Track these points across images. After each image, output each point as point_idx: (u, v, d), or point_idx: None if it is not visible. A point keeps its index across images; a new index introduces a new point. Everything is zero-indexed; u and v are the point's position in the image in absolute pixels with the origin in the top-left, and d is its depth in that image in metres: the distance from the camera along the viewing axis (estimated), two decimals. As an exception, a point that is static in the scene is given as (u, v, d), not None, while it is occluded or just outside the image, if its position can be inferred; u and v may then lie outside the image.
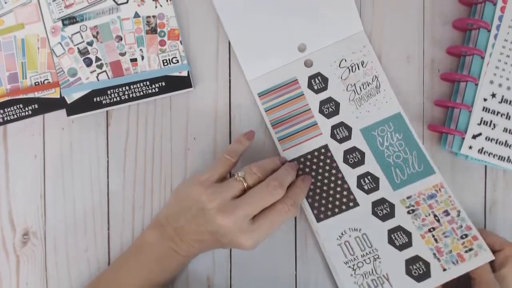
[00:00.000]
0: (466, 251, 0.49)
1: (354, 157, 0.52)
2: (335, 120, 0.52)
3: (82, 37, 0.52)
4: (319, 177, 0.52)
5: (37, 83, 0.52)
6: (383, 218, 0.51)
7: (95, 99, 0.52)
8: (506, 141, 0.51)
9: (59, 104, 0.52)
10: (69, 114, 0.52)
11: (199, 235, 0.46)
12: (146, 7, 0.52)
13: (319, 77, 0.53)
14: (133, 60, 0.52)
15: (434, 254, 0.50)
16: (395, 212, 0.51)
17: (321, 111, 0.52)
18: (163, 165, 0.53)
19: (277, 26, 0.53)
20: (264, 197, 0.46)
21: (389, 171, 0.52)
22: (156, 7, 0.52)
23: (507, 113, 0.51)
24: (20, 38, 0.52)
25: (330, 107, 0.52)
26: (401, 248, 0.50)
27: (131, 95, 0.52)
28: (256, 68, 0.53)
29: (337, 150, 0.52)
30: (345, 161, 0.52)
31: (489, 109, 0.51)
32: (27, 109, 0.52)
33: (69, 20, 0.52)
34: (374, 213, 0.51)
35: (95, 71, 0.52)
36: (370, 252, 0.50)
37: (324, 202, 0.51)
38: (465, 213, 0.50)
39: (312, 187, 0.52)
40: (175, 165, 0.53)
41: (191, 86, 0.52)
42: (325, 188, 0.52)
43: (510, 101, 0.51)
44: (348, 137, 0.52)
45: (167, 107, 0.53)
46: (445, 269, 0.49)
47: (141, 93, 0.52)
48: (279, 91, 0.53)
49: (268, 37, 0.53)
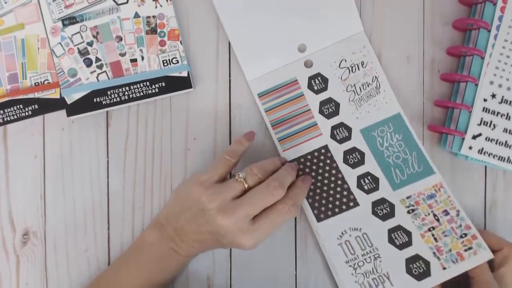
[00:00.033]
0: (466, 250, 0.49)
1: (354, 157, 0.52)
2: (335, 120, 0.52)
3: (82, 37, 0.52)
4: (319, 177, 0.52)
5: (37, 84, 0.52)
6: (383, 218, 0.51)
7: (95, 100, 0.52)
8: (506, 141, 0.51)
9: (59, 105, 0.52)
10: (69, 114, 0.52)
11: (199, 235, 0.46)
12: (146, 7, 0.52)
13: (319, 78, 0.53)
14: (133, 61, 0.52)
15: (434, 253, 0.50)
16: (395, 212, 0.51)
17: (321, 112, 0.52)
18: (163, 165, 0.53)
19: (277, 26, 0.53)
20: (265, 197, 0.46)
21: (388, 171, 0.52)
22: (156, 7, 0.52)
23: (507, 114, 0.51)
24: (20, 38, 0.52)
25: (330, 107, 0.52)
26: (401, 247, 0.50)
27: (131, 96, 0.52)
28: (256, 68, 0.53)
29: (337, 151, 0.52)
30: (345, 161, 0.52)
31: (489, 110, 0.51)
32: (27, 109, 0.52)
33: (69, 20, 0.52)
34: (374, 213, 0.51)
35: (95, 71, 0.52)
36: (370, 252, 0.51)
37: (324, 202, 0.51)
38: (464, 212, 0.50)
39: (312, 187, 0.52)
40: (175, 165, 0.53)
41: (191, 87, 0.52)
42: (325, 188, 0.52)
43: (510, 102, 0.51)
44: (348, 138, 0.52)
45: (167, 107, 0.53)
46: (444, 268, 0.49)
47: (141, 93, 0.52)
48: (279, 92, 0.53)
49: (268, 37, 0.53)
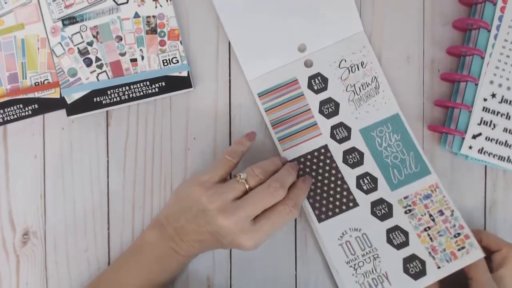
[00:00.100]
0: (459, 249, 0.50)
1: (354, 157, 0.52)
2: (334, 120, 0.52)
3: (82, 37, 0.52)
4: (319, 178, 0.52)
5: (37, 83, 0.52)
6: (382, 218, 0.51)
7: (95, 99, 0.52)
8: (506, 141, 0.51)
9: (59, 104, 0.52)
10: (69, 114, 0.52)
11: (199, 235, 0.46)
12: (146, 7, 0.52)
13: (319, 77, 0.53)
14: (133, 60, 0.52)
15: (429, 253, 0.50)
16: (393, 212, 0.51)
17: (321, 111, 0.52)
18: (163, 165, 0.53)
19: (277, 26, 0.53)
20: (266, 198, 0.46)
21: (387, 172, 0.52)
22: (156, 7, 0.52)
23: (507, 113, 0.51)
24: (20, 38, 0.52)
25: (330, 107, 0.52)
26: (399, 247, 0.51)
27: (131, 95, 0.52)
28: (256, 68, 0.53)
29: (337, 151, 0.52)
30: (345, 161, 0.52)
31: (489, 109, 0.51)
32: (27, 109, 0.52)
33: (69, 20, 0.52)
34: (373, 213, 0.51)
35: (95, 71, 0.52)
36: (370, 252, 0.51)
37: (324, 203, 0.51)
38: (458, 212, 0.51)
39: (313, 187, 0.52)
40: (175, 165, 0.53)
41: (191, 86, 0.52)
42: (325, 189, 0.52)
43: (510, 101, 0.51)
44: (348, 138, 0.52)
45: (167, 107, 0.53)
46: (439, 267, 0.50)
47: (141, 93, 0.52)
48: (279, 91, 0.53)
49: (268, 37, 0.53)
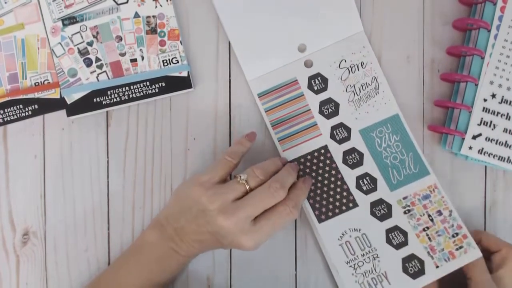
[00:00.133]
0: (457, 249, 0.50)
1: (353, 158, 0.52)
2: (334, 120, 0.52)
3: (82, 37, 0.52)
4: (319, 178, 0.52)
5: (37, 84, 0.52)
6: (381, 218, 0.51)
7: (95, 100, 0.52)
8: (506, 141, 0.51)
9: (59, 105, 0.52)
10: (69, 114, 0.52)
11: (199, 235, 0.46)
12: (146, 7, 0.52)
13: (319, 78, 0.53)
14: (133, 61, 0.52)
15: (428, 252, 0.51)
16: (392, 212, 0.51)
17: (321, 112, 0.52)
18: (163, 165, 0.53)
19: (277, 26, 0.53)
20: (266, 198, 0.46)
21: (386, 172, 0.52)
22: (156, 7, 0.52)
23: (507, 114, 0.51)
24: (20, 38, 0.52)
25: (330, 107, 0.52)
26: (398, 247, 0.51)
27: (131, 96, 0.52)
28: (256, 68, 0.53)
29: (337, 151, 0.52)
30: (344, 162, 0.52)
31: (489, 110, 0.51)
32: (27, 109, 0.52)
33: (69, 20, 0.52)
34: (373, 214, 0.51)
35: (95, 71, 0.52)
36: (369, 252, 0.51)
37: (325, 203, 0.52)
38: (456, 212, 0.51)
39: (313, 187, 0.52)
40: (175, 165, 0.53)
41: (191, 87, 0.52)
42: (325, 189, 0.52)
43: (510, 102, 0.51)
44: (348, 138, 0.52)
45: (167, 107, 0.53)
46: (437, 266, 0.50)
47: (141, 93, 0.52)
48: (279, 92, 0.53)
49: (268, 37, 0.53)
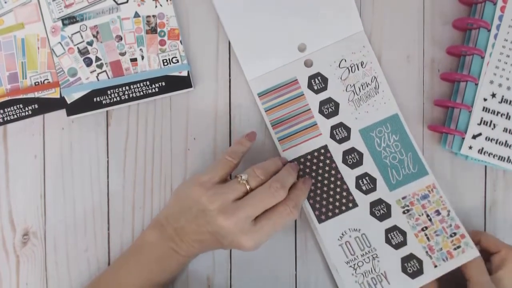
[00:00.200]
0: (455, 249, 0.50)
1: (353, 157, 0.52)
2: (334, 120, 0.52)
3: (82, 37, 0.52)
4: (319, 178, 0.52)
5: (37, 83, 0.52)
6: (381, 218, 0.51)
7: (95, 99, 0.52)
8: (506, 141, 0.51)
9: (59, 104, 0.52)
10: (69, 114, 0.52)
11: (199, 235, 0.46)
12: (146, 6, 0.52)
13: (319, 77, 0.53)
14: (133, 60, 0.52)
15: (426, 252, 0.51)
16: (391, 212, 0.52)
17: (321, 112, 0.52)
18: (163, 165, 0.53)
19: (277, 26, 0.53)
20: (266, 198, 0.46)
21: (385, 172, 0.52)
22: (156, 6, 0.52)
23: (507, 113, 0.51)
24: (20, 38, 0.52)
25: (329, 107, 0.52)
26: (397, 247, 0.51)
27: (131, 95, 0.52)
28: (256, 68, 0.53)
29: (337, 151, 0.52)
30: (344, 161, 0.52)
31: (489, 109, 0.51)
32: (27, 109, 0.52)
33: (69, 20, 0.52)
34: (372, 214, 0.52)
35: (95, 71, 0.52)
36: (369, 252, 0.51)
37: (324, 203, 0.52)
38: (454, 212, 0.51)
39: (313, 187, 0.52)
40: (175, 165, 0.53)
41: (191, 86, 0.52)
42: (325, 189, 0.52)
43: (510, 101, 0.51)
44: (347, 138, 0.52)
45: (167, 107, 0.53)
46: (436, 266, 0.50)
47: (141, 93, 0.52)
48: (279, 91, 0.53)
49: (268, 37, 0.53)
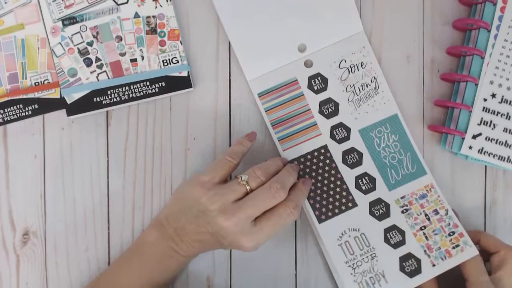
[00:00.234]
0: (453, 247, 0.51)
1: (353, 157, 0.52)
2: (334, 120, 0.52)
3: (82, 37, 0.52)
4: (319, 178, 0.52)
5: (37, 83, 0.52)
6: (380, 218, 0.52)
7: (95, 99, 0.52)
8: (506, 141, 0.51)
9: (59, 104, 0.52)
10: (69, 114, 0.52)
11: (199, 235, 0.46)
12: (146, 7, 0.52)
13: (319, 78, 0.53)
14: (133, 60, 0.52)
15: (425, 251, 0.51)
16: (390, 212, 0.52)
17: (321, 112, 0.52)
18: (163, 165, 0.53)
19: (277, 26, 0.53)
20: (267, 199, 0.45)
21: (385, 172, 0.52)
22: (156, 7, 0.52)
23: (507, 113, 0.51)
24: (20, 38, 0.52)
25: (329, 107, 0.52)
26: (395, 246, 0.51)
27: (131, 95, 0.52)
28: (256, 68, 0.53)
29: (336, 151, 0.52)
30: (344, 161, 0.52)
31: (489, 109, 0.51)
32: (27, 109, 0.52)
33: (69, 20, 0.52)
34: (371, 213, 0.52)
35: (95, 71, 0.52)
36: (368, 251, 0.51)
37: (324, 203, 0.52)
38: (452, 211, 0.51)
39: (313, 187, 0.52)
40: (175, 165, 0.53)
41: (191, 86, 0.52)
42: (325, 189, 0.52)
43: (510, 101, 0.51)
44: (347, 138, 0.52)
45: (167, 107, 0.53)
46: (434, 265, 0.51)
47: (141, 93, 0.52)
48: (279, 91, 0.53)
49: (268, 37, 0.53)
